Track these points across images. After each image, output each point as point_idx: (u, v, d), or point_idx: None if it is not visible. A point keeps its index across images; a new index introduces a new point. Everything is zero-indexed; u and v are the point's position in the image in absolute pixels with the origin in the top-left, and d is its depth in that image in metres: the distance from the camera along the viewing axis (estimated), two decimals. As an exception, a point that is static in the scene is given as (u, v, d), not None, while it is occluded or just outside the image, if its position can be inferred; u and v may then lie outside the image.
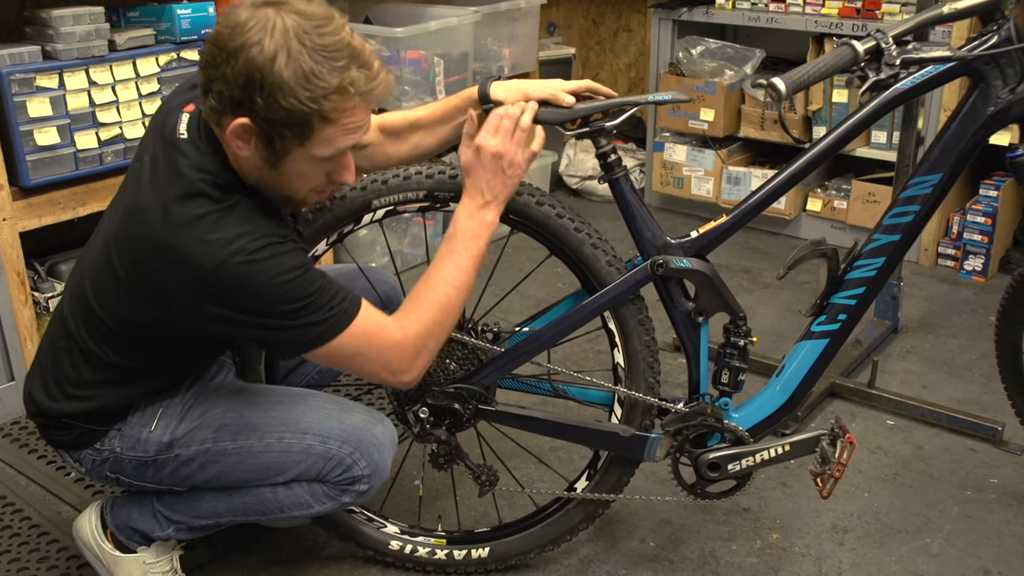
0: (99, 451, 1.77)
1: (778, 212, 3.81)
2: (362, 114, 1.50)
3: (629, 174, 1.82)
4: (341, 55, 1.43)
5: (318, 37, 1.42)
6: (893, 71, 1.68)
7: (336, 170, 1.57)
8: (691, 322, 1.84)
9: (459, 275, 1.68)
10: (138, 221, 1.53)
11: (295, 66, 1.41)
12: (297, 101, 1.42)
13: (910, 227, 1.79)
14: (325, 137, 1.48)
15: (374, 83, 1.47)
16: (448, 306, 1.67)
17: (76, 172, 2.57)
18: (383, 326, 1.62)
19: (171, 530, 1.85)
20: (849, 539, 2.16)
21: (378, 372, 1.64)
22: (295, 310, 1.52)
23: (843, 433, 1.82)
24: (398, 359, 1.63)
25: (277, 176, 1.53)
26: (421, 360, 1.66)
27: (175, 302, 1.53)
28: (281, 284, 1.50)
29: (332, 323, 1.55)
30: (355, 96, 1.45)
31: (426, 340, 1.65)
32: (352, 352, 1.59)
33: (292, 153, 1.49)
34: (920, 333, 3.10)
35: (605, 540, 2.16)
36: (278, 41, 1.40)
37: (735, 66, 3.83)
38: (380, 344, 1.61)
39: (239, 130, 1.46)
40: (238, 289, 1.49)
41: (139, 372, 1.72)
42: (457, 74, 3.56)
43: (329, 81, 1.42)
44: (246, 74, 1.41)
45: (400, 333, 1.63)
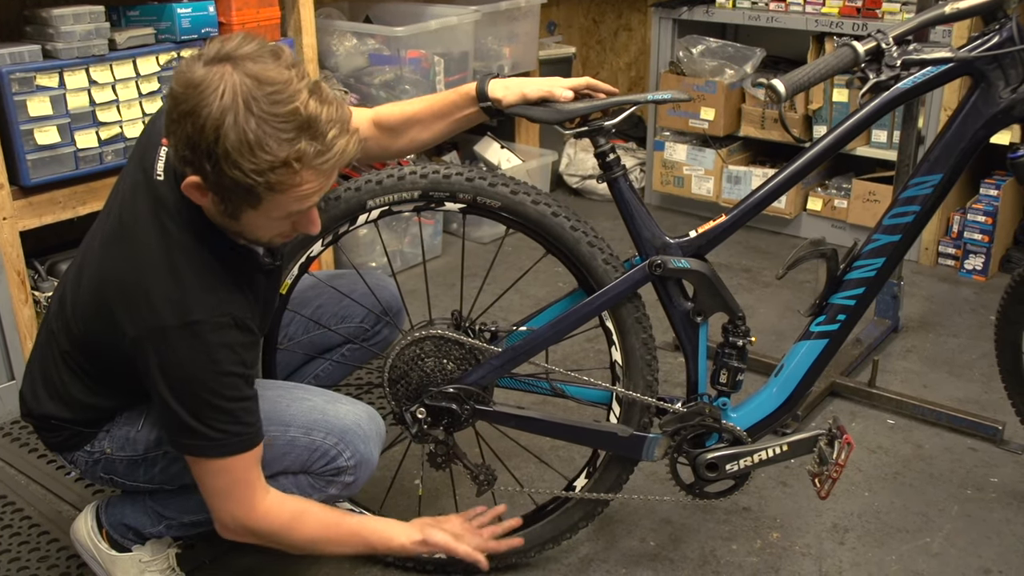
0: (90, 453, 1.76)
1: (778, 211, 3.79)
2: (315, 182, 1.43)
3: (628, 173, 1.80)
4: (290, 126, 1.36)
5: (268, 105, 1.35)
6: (894, 72, 1.67)
7: (299, 222, 1.53)
8: (690, 322, 1.83)
9: (343, 551, 1.78)
10: (113, 256, 1.55)
11: (240, 135, 1.34)
12: (241, 173, 1.36)
13: (910, 227, 1.78)
14: (276, 204, 1.44)
15: (325, 157, 1.40)
16: (308, 551, 1.74)
17: (76, 171, 2.56)
18: (254, 480, 1.62)
19: (162, 527, 1.85)
20: (849, 538, 2.15)
21: (216, 509, 1.63)
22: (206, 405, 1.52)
23: (841, 433, 1.81)
24: (240, 515, 1.63)
25: (237, 225, 1.51)
26: (252, 538, 1.67)
27: (123, 340, 1.53)
28: (215, 374, 1.51)
29: (225, 443, 1.55)
30: (303, 170, 1.39)
31: (271, 535, 1.66)
32: (215, 473, 1.58)
33: (246, 213, 1.46)
34: (920, 332, 3.09)
35: (605, 539, 2.15)
36: (226, 106, 1.34)
37: (735, 65, 3.82)
38: (236, 490, 1.61)
39: (194, 185, 1.44)
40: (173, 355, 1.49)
41: (115, 387, 1.71)
42: (457, 73, 3.55)
43: (275, 154, 1.36)
44: (193, 139, 1.37)
45: (261, 505, 1.63)
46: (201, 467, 1.59)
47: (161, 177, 1.54)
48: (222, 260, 1.55)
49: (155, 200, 1.54)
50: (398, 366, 1.88)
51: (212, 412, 1.53)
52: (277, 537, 1.68)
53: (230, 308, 1.53)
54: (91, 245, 1.64)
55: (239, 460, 1.58)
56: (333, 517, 1.73)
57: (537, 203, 1.80)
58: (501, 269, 3.44)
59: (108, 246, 1.57)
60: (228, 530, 1.66)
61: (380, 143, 1.84)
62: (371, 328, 2.10)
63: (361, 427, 1.74)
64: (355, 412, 1.76)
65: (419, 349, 1.86)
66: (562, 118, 1.75)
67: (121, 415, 1.75)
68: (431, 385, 1.86)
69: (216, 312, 1.51)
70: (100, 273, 1.57)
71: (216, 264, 1.54)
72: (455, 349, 1.86)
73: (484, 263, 3.57)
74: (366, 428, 1.75)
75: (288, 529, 1.67)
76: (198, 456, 1.58)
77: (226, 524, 1.65)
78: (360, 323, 2.09)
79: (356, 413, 1.76)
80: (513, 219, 1.81)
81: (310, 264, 1.89)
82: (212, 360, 1.50)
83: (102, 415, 1.75)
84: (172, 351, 1.49)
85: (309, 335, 2.08)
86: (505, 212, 1.80)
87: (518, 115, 1.77)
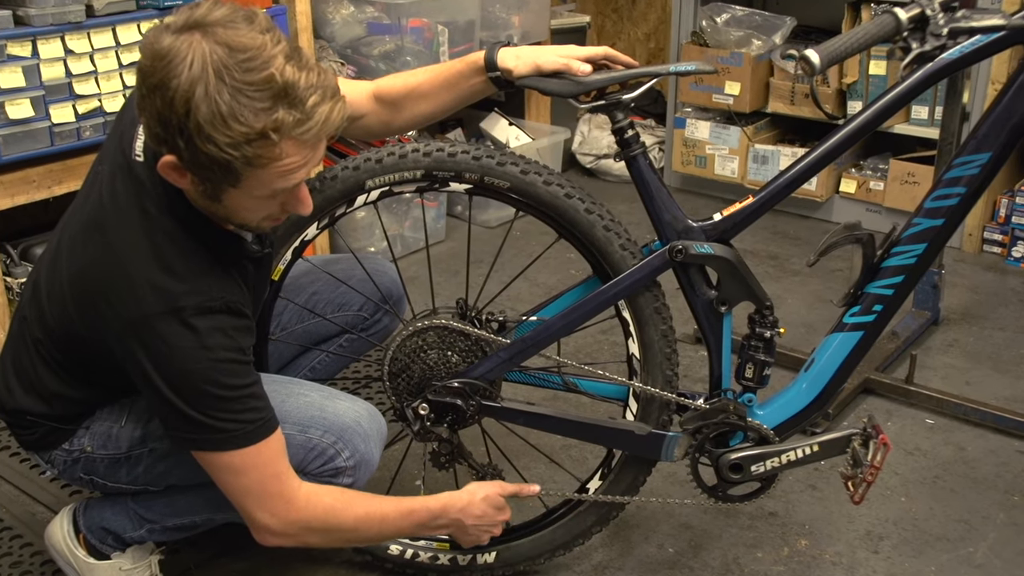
0: (69, 451, 1.77)
1: (809, 194, 3.79)
2: (298, 155, 1.42)
3: (648, 151, 1.80)
4: (265, 94, 1.35)
5: (241, 73, 1.34)
6: (939, 42, 1.66)
7: (288, 202, 1.53)
8: (713, 312, 1.83)
9: (391, 531, 1.78)
10: (96, 242, 1.55)
11: (212, 107, 1.34)
12: (216, 147, 1.36)
13: (954, 211, 1.78)
14: (258, 180, 1.43)
15: (306, 126, 1.39)
16: (358, 537, 1.77)
17: (51, 148, 2.57)
18: (284, 471, 1.62)
19: (144, 531, 1.86)
20: (884, 547, 2.15)
21: (253, 513, 1.62)
22: (207, 396, 1.51)
23: (876, 433, 1.81)
24: (282, 511, 1.62)
25: (221, 207, 1.51)
26: (301, 535, 1.66)
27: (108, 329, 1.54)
28: (210, 361, 1.50)
29: (236, 433, 1.54)
30: (282, 141, 1.38)
31: (322, 523, 1.66)
32: (238, 469, 1.58)
33: (228, 193, 1.46)
34: (963, 325, 3.09)
35: (620, 545, 2.15)
36: (195, 76, 1.33)
37: (763, 35, 3.81)
38: (268, 485, 1.60)
39: (170, 165, 1.43)
40: (164, 348, 1.50)
41: (95, 380, 1.72)
42: (463, 44, 3.55)
43: (251, 125, 1.35)
44: (163, 114, 1.37)
45: (300, 493, 1.63)
46: (219, 465, 1.58)
47: (141, 158, 1.55)
48: (208, 246, 1.55)
49: (135, 183, 1.54)
50: (399, 359, 1.88)
51: (215, 402, 1.53)
52: (327, 525, 1.66)
53: (220, 292, 1.54)
54: (68, 229, 1.64)
55: (261, 451, 1.57)
56: (371, 495, 1.74)
57: (549, 184, 1.80)
58: (509, 255, 3.44)
59: (87, 232, 1.57)
60: (273, 533, 1.64)
61: (381, 118, 1.85)
62: (370, 317, 2.11)
63: (361, 425, 1.75)
64: (355, 409, 1.77)
65: (421, 340, 1.87)
66: (577, 91, 1.74)
67: (102, 410, 1.76)
68: (434, 379, 1.87)
69: (205, 297, 1.51)
70: (79, 262, 1.57)
71: (202, 249, 1.55)
72: (460, 341, 1.87)
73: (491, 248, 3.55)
74: (366, 426, 1.76)
75: (336, 513, 1.67)
76: (211, 451, 1.56)
77: (269, 526, 1.63)
78: (358, 311, 2.10)
79: (356, 410, 1.76)
80: (523, 201, 1.81)
81: (304, 249, 1.90)
82: (205, 347, 1.50)
83: (82, 410, 1.76)
84: (162, 341, 1.50)
85: (303, 324, 2.09)
86: (514, 193, 1.80)
87: (529, 87, 1.77)
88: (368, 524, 1.71)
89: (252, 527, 1.65)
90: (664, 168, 4.21)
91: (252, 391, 1.57)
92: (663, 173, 4.20)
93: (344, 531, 1.71)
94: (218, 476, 1.61)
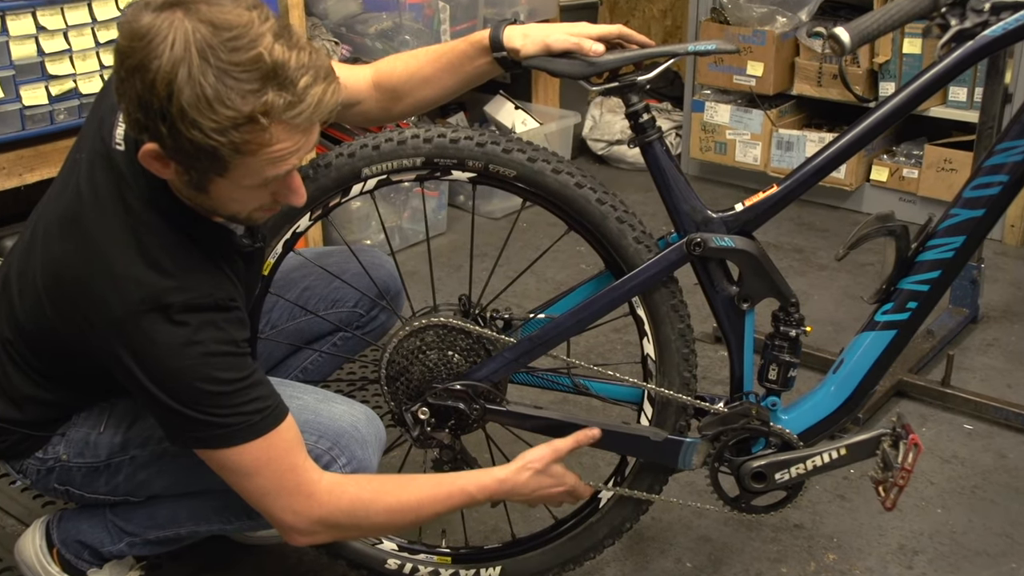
0: (43, 460, 1.77)
1: (837, 182, 3.79)
2: (290, 140, 1.42)
3: (664, 137, 1.80)
4: (254, 75, 1.35)
5: (227, 53, 1.34)
6: (981, 18, 1.66)
7: (280, 192, 1.52)
8: (734, 309, 1.83)
9: (428, 517, 1.74)
10: (72, 236, 1.55)
11: (196, 90, 1.33)
12: (201, 133, 1.35)
13: (995, 201, 1.77)
14: (246, 169, 1.43)
15: (297, 109, 1.39)
16: (393, 527, 1.76)
17: (23, 132, 2.57)
18: (300, 464, 1.61)
19: (124, 544, 1.86)
20: (919, 562, 2.15)
21: (274, 513, 1.62)
22: (202, 394, 1.51)
23: (906, 433, 1.80)
24: (304, 508, 1.61)
25: (208, 199, 1.51)
26: (330, 530, 1.66)
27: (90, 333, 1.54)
28: (200, 356, 1.50)
29: (242, 426, 1.54)
30: (272, 125, 1.38)
31: (350, 515, 1.66)
32: (249, 468, 1.57)
33: (215, 182, 1.46)
34: (1004, 323, 3.08)
35: (634, 559, 2.16)
36: (177, 57, 1.33)
37: (788, 12, 3.80)
38: (284, 480, 1.60)
39: (152, 154, 1.43)
40: (151, 347, 1.49)
41: (69, 383, 1.72)
42: (465, 22, 3.55)
43: (239, 109, 1.35)
44: (144, 98, 1.36)
45: (321, 487, 1.62)
46: (230, 465, 1.57)
47: (121, 147, 1.55)
48: (194, 239, 1.55)
49: (115, 173, 1.54)
50: (397, 360, 1.88)
51: (213, 398, 1.52)
52: (356, 519, 1.66)
53: (209, 289, 1.54)
54: (43, 222, 1.64)
55: (272, 443, 1.56)
56: (401, 478, 1.75)
57: (558, 172, 1.80)
58: (516, 248, 3.45)
59: (64, 225, 1.57)
60: (300, 532, 1.64)
61: (380, 104, 1.85)
62: (366, 313, 2.11)
63: (358, 430, 1.75)
64: (351, 413, 1.77)
65: (421, 340, 1.87)
66: (589, 72, 1.74)
67: (79, 416, 1.76)
68: (435, 381, 1.87)
69: (194, 294, 1.51)
70: (56, 256, 1.57)
71: (188, 243, 1.55)
72: (462, 340, 1.87)
73: (496, 241, 3.57)
74: (364, 431, 1.76)
75: (364, 505, 1.66)
76: (217, 448, 1.55)
77: (295, 526, 1.63)
78: (353, 308, 2.10)
79: (353, 414, 1.77)
80: (530, 190, 1.81)
81: (296, 241, 1.90)
82: (195, 341, 1.50)
83: (57, 416, 1.76)
84: (148, 339, 1.49)
85: (295, 322, 2.09)
86: (521, 182, 1.80)
87: (536, 68, 1.77)
88: (402, 514, 1.69)
89: (278, 529, 1.66)
90: (681, 155, 4.21)
91: (252, 381, 1.56)
92: (680, 160, 4.20)
93: (376, 524, 1.70)
94: (232, 479, 1.60)
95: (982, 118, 2.78)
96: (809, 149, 3.80)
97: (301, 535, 1.65)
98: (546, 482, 1.80)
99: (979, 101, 2.83)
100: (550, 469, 1.81)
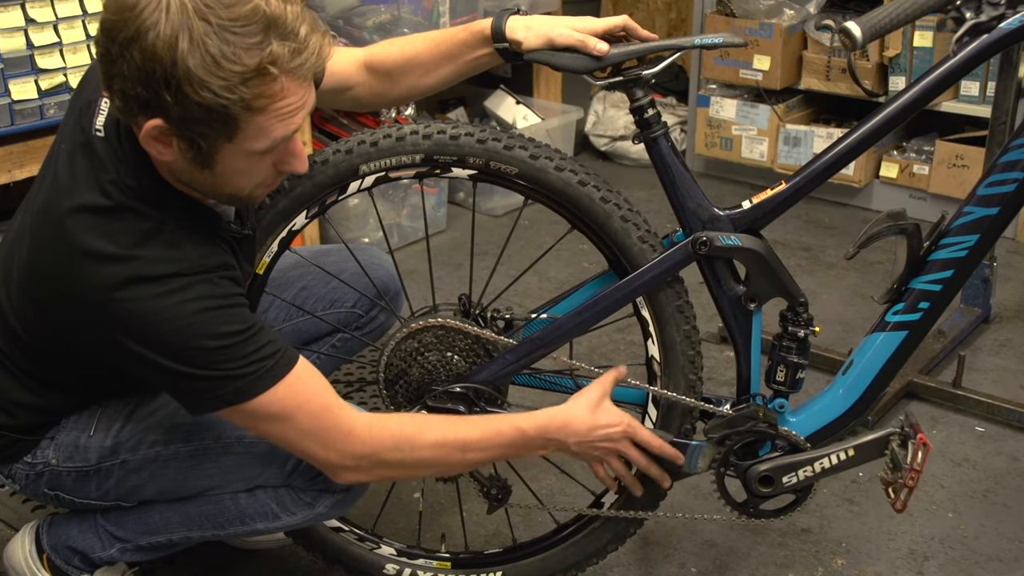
0: (32, 465, 1.76)
1: (846, 179, 3.78)
2: (297, 93, 1.44)
3: (669, 132, 1.80)
4: (255, 28, 1.37)
5: (224, 9, 1.36)
6: (997, 11, 1.65)
7: (283, 159, 1.53)
8: (741, 309, 1.83)
9: (478, 456, 1.71)
10: (48, 225, 1.54)
11: (201, 50, 1.34)
12: (211, 93, 1.36)
13: (1010, 198, 1.77)
14: (256, 129, 1.43)
15: (303, 56, 1.41)
16: (442, 465, 1.72)
17: (12, 127, 2.57)
18: (333, 403, 1.61)
19: (115, 550, 1.85)
20: (929, 567, 2.15)
21: (320, 457, 1.62)
22: (209, 351, 1.50)
23: (915, 432, 1.80)
24: (345, 445, 1.61)
25: (212, 176, 1.50)
26: (367, 472, 1.66)
27: (79, 323, 1.54)
28: (196, 314, 1.49)
29: (259, 374, 1.53)
30: (281, 76, 1.39)
31: (396, 448, 1.64)
32: (280, 414, 1.57)
33: (223, 151, 1.46)
34: (1016, 323, 3.08)
35: (638, 565, 2.16)
36: (175, 22, 1.34)
37: (796, 4, 3.80)
38: (321, 420, 1.59)
39: (155, 133, 1.42)
40: (143, 318, 1.48)
41: (59, 385, 1.72)
42: (465, 14, 3.55)
43: (245, 63, 1.36)
44: (145, 69, 1.36)
45: (359, 423, 1.62)
46: (262, 415, 1.56)
47: (101, 133, 1.54)
48: (178, 220, 1.54)
49: (95, 159, 1.53)
50: (396, 361, 1.88)
51: (219, 353, 1.50)
52: (401, 454, 1.65)
53: (197, 259, 1.52)
54: (26, 215, 1.63)
55: (295, 386, 1.56)
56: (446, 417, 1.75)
57: (561, 169, 1.80)
58: (517, 247, 3.45)
59: (43, 215, 1.56)
60: (345, 468, 1.64)
61: (373, 89, 1.84)
62: (364, 314, 2.11)
63: None
64: None
65: (420, 341, 1.87)
66: (592, 66, 1.74)
67: (68, 419, 1.76)
68: (435, 383, 1.87)
69: (181, 264, 1.50)
70: (38, 252, 1.56)
71: (172, 223, 1.53)
72: (462, 340, 1.86)
73: (497, 239, 3.57)
74: None
75: (408, 439, 1.65)
76: (243, 402, 1.54)
77: (339, 463, 1.62)
78: (351, 308, 2.10)
79: None
80: (532, 188, 1.81)
81: (292, 239, 1.90)
82: (187, 300, 1.49)
83: (46, 419, 1.75)
84: (141, 311, 1.48)
85: (291, 323, 2.09)
86: (523, 180, 1.80)
87: (539, 61, 1.76)
88: (448, 450, 1.68)
89: (324, 470, 1.66)
90: (686, 151, 4.21)
91: (256, 329, 1.55)
92: (685, 156, 4.20)
93: (422, 459, 1.68)
94: (268, 429, 1.60)
95: (995, 113, 2.78)
96: (817, 145, 3.80)
97: (347, 472, 1.64)
98: (602, 419, 1.75)
99: (992, 96, 2.83)
100: (605, 404, 1.77)
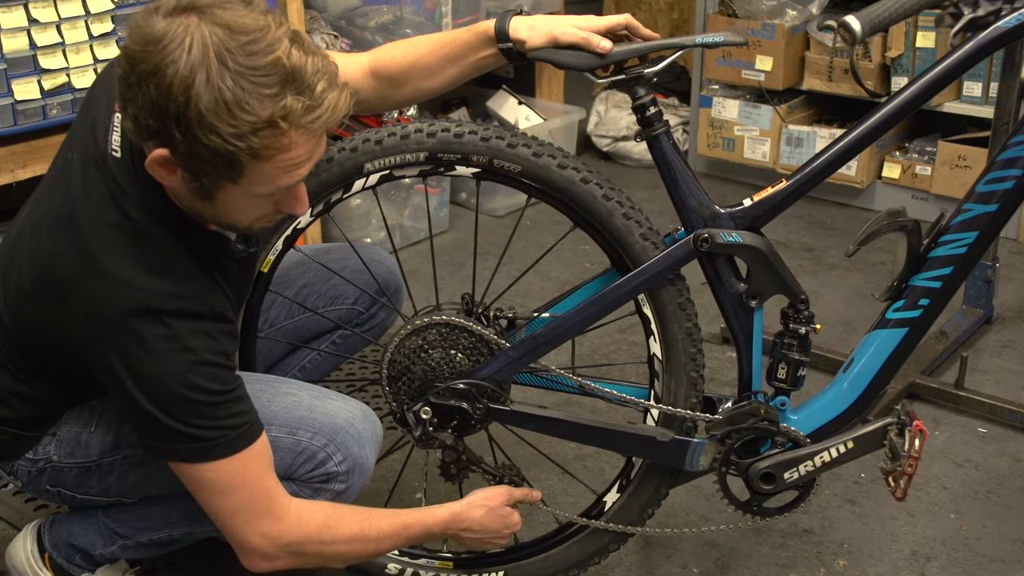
0: (33, 461, 1.78)
1: (848, 179, 3.79)
2: (305, 147, 1.44)
3: (671, 131, 1.81)
4: (272, 79, 1.37)
5: (245, 57, 1.36)
6: (995, 6, 1.66)
7: (284, 201, 1.54)
8: (742, 307, 1.84)
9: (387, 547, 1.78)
10: (63, 238, 1.55)
11: (215, 94, 1.35)
12: (220, 138, 1.37)
13: (1010, 196, 1.78)
14: (261, 176, 1.45)
15: (316, 113, 1.41)
16: (353, 555, 1.76)
17: (15, 127, 2.58)
18: (273, 487, 1.63)
19: (116, 547, 1.87)
20: (931, 568, 2.16)
21: (241, 534, 1.63)
22: (185, 402, 1.52)
23: (911, 420, 1.81)
24: (273, 532, 1.62)
25: (212, 207, 1.52)
26: (292, 558, 1.67)
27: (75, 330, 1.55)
28: (188, 365, 1.51)
29: (218, 441, 1.55)
30: (291, 130, 1.40)
31: (314, 542, 1.67)
32: (223, 486, 1.58)
33: (225, 189, 1.47)
34: (1019, 324, 3.08)
35: (640, 565, 2.16)
36: (195, 62, 1.35)
37: (798, 5, 3.81)
38: (256, 502, 1.61)
39: (160, 160, 1.44)
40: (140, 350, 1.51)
41: (56, 382, 1.73)
42: (467, 15, 3.56)
43: (257, 113, 1.37)
44: (159, 104, 1.37)
45: (291, 512, 1.64)
46: (203, 481, 1.59)
47: (117, 154, 1.55)
48: (189, 246, 1.57)
49: (110, 180, 1.55)
50: (399, 359, 1.90)
51: (195, 408, 1.53)
52: (319, 542, 1.67)
53: (204, 297, 1.55)
54: (33, 222, 1.64)
55: (247, 462, 1.58)
56: (363, 509, 1.76)
57: (564, 168, 1.81)
58: (520, 246, 3.45)
59: (55, 227, 1.57)
60: (264, 556, 1.65)
61: (379, 94, 1.85)
62: (365, 311, 2.13)
63: (354, 426, 1.76)
64: (347, 409, 1.78)
65: (423, 339, 1.88)
66: (595, 64, 1.74)
67: (69, 414, 1.77)
68: (437, 381, 1.88)
69: (188, 302, 1.53)
70: (47, 261, 1.58)
71: (183, 251, 1.56)
72: (465, 338, 1.88)
73: (500, 239, 3.58)
74: (359, 428, 1.77)
75: (330, 531, 1.68)
76: (192, 462, 1.57)
77: (260, 549, 1.64)
78: (352, 305, 2.11)
79: (348, 411, 1.78)
80: (535, 186, 1.82)
81: (297, 238, 1.91)
82: (186, 348, 1.52)
83: (46, 415, 1.77)
84: (139, 343, 1.51)
85: (293, 320, 2.10)
86: (526, 178, 1.81)
87: (541, 60, 1.77)
88: (363, 543, 1.72)
89: (240, 551, 1.66)
90: (688, 151, 4.21)
91: (235, 395, 1.58)
92: (687, 157, 4.21)
93: (339, 551, 1.72)
94: (202, 495, 1.62)
95: (997, 114, 2.78)
96: (819, 145, 3.79)
97: (264, 559, 1.66)
98: (496, 522, 1.85)
99: (994, 96, 2.83)
100: (502, 509, 1.85)
